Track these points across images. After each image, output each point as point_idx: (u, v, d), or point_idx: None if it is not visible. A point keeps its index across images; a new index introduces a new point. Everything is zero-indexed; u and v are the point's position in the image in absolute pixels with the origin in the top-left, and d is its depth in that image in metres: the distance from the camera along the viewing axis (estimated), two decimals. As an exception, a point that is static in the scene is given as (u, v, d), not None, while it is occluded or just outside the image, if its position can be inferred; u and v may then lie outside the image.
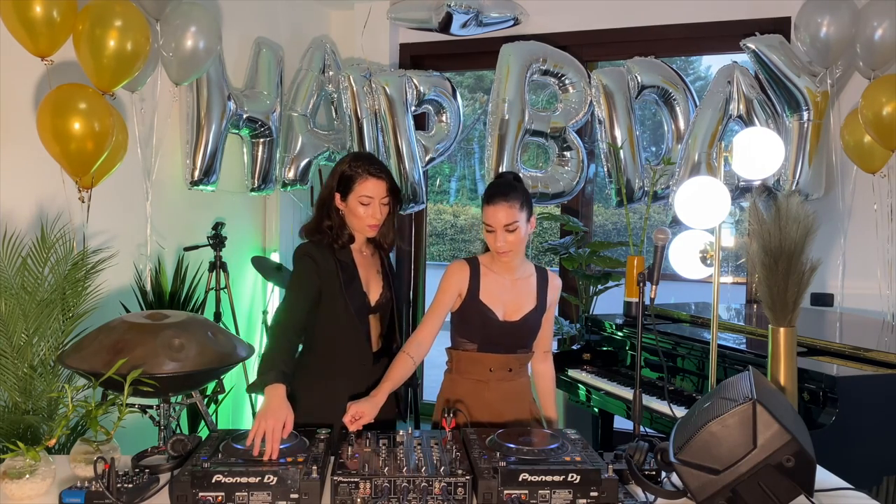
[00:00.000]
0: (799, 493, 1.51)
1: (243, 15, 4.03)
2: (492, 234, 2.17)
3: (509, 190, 2.18)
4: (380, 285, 2.28)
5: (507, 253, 2.17)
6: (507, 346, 2.26)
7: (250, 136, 3.98)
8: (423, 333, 2.21)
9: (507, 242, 2.14)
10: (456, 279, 2.24)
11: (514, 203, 2.14)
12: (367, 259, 2.29)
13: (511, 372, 2.26)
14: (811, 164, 3.64)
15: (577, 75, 4.01)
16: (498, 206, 2.14)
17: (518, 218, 2.14)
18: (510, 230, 2.13)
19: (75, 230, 2.98)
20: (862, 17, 3.43)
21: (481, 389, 2.24)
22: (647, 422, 2.88)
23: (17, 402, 2.57)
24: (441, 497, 1.56)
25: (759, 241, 2.09)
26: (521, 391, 2.31)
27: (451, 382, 2.30)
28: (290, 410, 1.86)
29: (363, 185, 2.16)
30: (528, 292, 2.27)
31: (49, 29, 2.69)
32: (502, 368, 2.25)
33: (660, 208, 4.31)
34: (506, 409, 2.26)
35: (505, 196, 2.15)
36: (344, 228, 2.22)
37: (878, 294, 3.64)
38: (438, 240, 11.11)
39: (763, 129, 2.42)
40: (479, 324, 2.23)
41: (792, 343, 2.09)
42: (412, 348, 2.16)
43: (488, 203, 2.16)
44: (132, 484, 1.62)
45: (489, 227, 2.16)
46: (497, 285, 2.24)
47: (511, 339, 2.26)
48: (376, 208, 2.17)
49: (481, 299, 2.22)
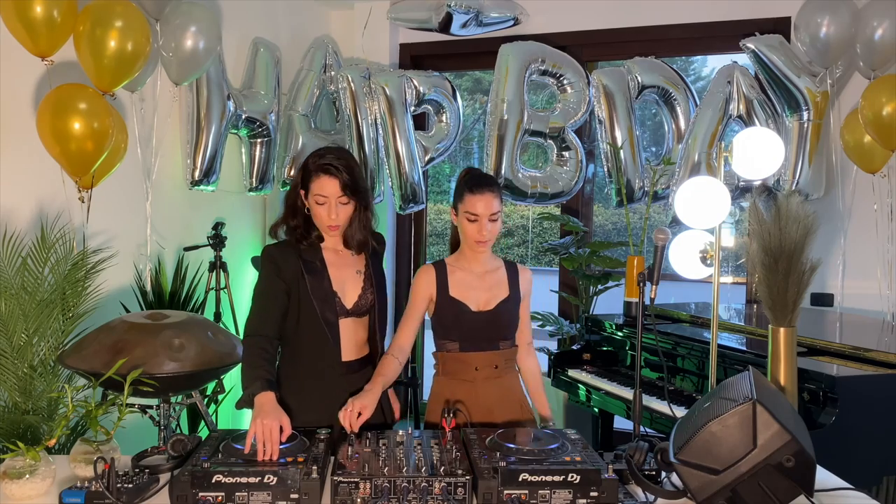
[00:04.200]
0: (799, 493, 1.51)
1: (243, 15, 4.04)
2: (474, 224, 2.19)
3: (492, 181, 2.25)
4: (359, 286, 2.16)
5: (485, 243, 2.21)
6: (488, 341, 2.26)
7: (248, 136, 3.99)
8: (402, 338, 2.24)
9: (489, 232, 2.19)
10: (423, 282, 2.27)
11: (497, 193, 2.21)
12: (345, 258, 2.17)
13: (497, 369, 2.26)
14: (811, 164, 3.64)
15: (575, 75, 4.01)
16: (484, 195, 2.18)
17: (499, 207, 2.20)
18: (493, 220, 2.19)
19: (75, 230, 2.98)
20: (862, 17, 3.43)
21: (470, 390, 2.25)
22: (647, 422, 2.88)
23: (17, 402, 2.57)
24: (441, 497, 1.56)
25: (759, 241, 2.09)
26: (510, 388, 2.30)
27: (440, 385, 2.31)
28: (283, 413, 1.83)
29: (316, 182, 2.04)
30: (499, 282, 2.29)
31: (49, 29, 2.69)
32: (488, 366, 2.25)
33: (660, 208, 4.31)
34: (497, 407, 2.26)
35: (490, 186, 2.20)
36: (310, 227, 2.12)
37: (878, 294, 3.64)
38: (438, 240, 11.10)
39: (763, 129, 2.42)
40: (454, 319, 2.25)
41: (792, 343, 2.09)
42: (395, 351, 2.19)
43: (473, 192, 2.18)
44: (132, 484, 1.62)
45: (472, 217, 2.19)
46: (466, 280, 2.27)
47: (489, 331, 2.26)
48: (332, 208, 2.04)
49: (452, 295, 2.25)
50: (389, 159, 4.06)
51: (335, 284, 2.13)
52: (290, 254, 2.11)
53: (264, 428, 1.74)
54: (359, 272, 2.18)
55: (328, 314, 2.10)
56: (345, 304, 2.13)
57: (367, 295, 2.17)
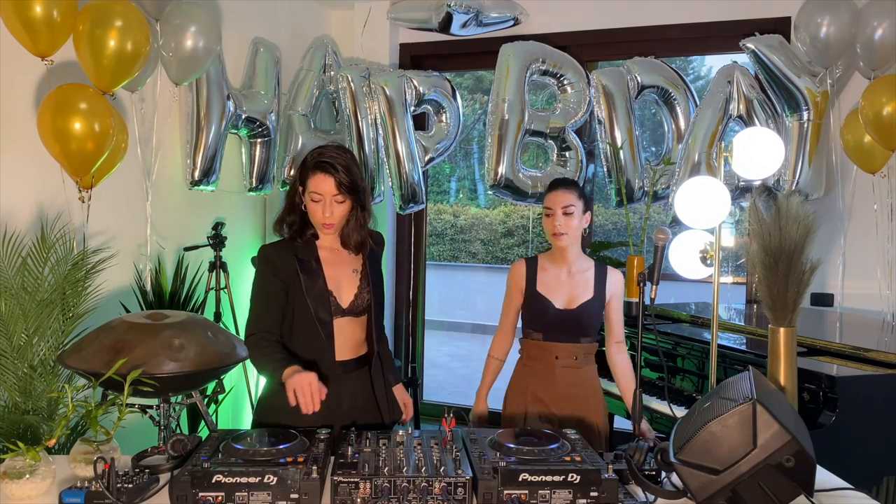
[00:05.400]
0: (799, 493, 1.51)
1: (243, 15, 4.04)
2: (550, 218, 2.44)
3: (570, 182, 2.52)
4: (355, 286, 2.15)
5: (562, 235, 2.41)
6: (570, 335, 2.45)
7: (248, 136, 3.99)
8: (499, 334, 2.61)
9: (563, 224, 2.41)
10: (514, 277, 2.54)
11: (572, 191, 2.45)
12: (342, 258, 2.16)
13: (577, 360, 2.45)
14: (811, 164, 3.64)
15: (575, 76, 4.01)
16: (559, 191, 2.45)
17: (575, 203, 2.42)
18: (567, 213, 2.41)
19: (75, 230, 2.98)
20: (862, 17, 3.43)
21: (549, 375, 2.45)
22: (648, 422, 2.87)
23: (17, 402, 2.57)
24: (441, 497, 1.56)
25: (759, 241, 2.09)
26: (586, 378, 2.48)
27: (523, 368, 2.53)
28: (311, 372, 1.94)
29: (312, 180, 2.04)
30: (585, 283, 2.47)
31: (49, 29, 2.69)
32: (568, 356, 2.45)
33: (660, 208, 4.31)
34: (573, 394, 2.44)
35: (565, 185, 2.48)
36: (306, 224, 2.12)
37: (878, 294, 3.64)
38: (438, 240, 11.11)
39: (763, 129, 2.42)
40: (538, 313, 2.47)
41: (792, 343, 2.09)
42: (494, 350, 2.61)
43: (550, 190, 2.47)
44: (132, 484, 1.62)
45: (549, 211, 2.45)
46: (554, 278, 2.48)
47: (571, 327, 2.45)
48: (327, 206, 2.04)
49: (539, 290, 2.47)
50: (389, 159, 4.06)
51: (330, 283, 2.12)
52: (286, 253, 2.12)
53: (301, 381, 1.88)
54: (355, 271, 2.17)
55: (322, 313, 2.10)
56: (340, 303, 2.13)
57: (363, 294, 2.16)
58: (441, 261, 11.03)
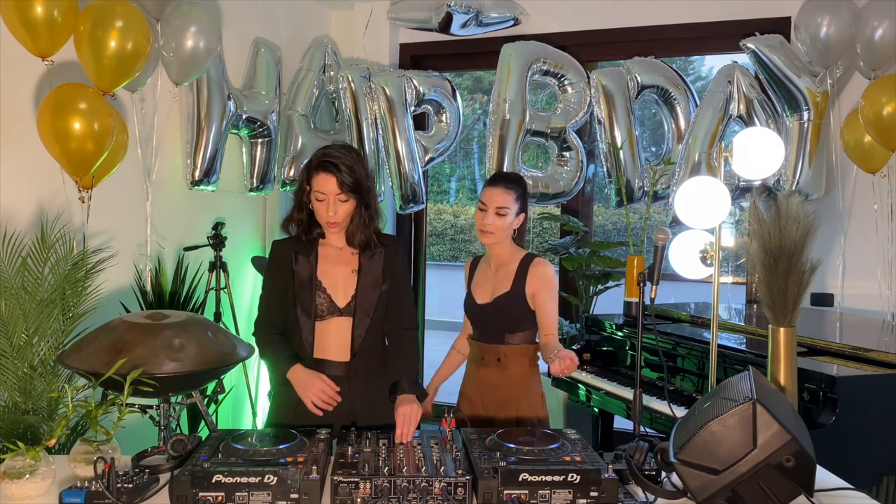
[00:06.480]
0: (799, 493, 1.51)
1: (243, 15, 4.04)
2: (482, 213, 2.36)
3: (511, 180, 2.41)
4: (353, 286, 2.15)
5: (488, 234, 2.34)
6: (491, 332, 2.38)
7: (249, 136, 3.98)
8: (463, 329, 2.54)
9: (492, 224, 2.33)
10: (466, 274, 2.54)
11: (511, 191, 2.35)
12: (344, 257, 2.17)
13: (500, 361, 2.36)
14: (811, 164, 3.64)
15: (576, 76, 4.01)
16: (497, 188, 2.35)
17: (510, 205, 2.33)
18: (500, 214, 2.33)
19: (75, 230, 2.98)
20: (862, 17, 3.43)
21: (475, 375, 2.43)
22: (647, 422, 2.88)
23: (17, 402, 2.57)
24: (441, 497, 1.56)
25: (759, 241, 2.09)
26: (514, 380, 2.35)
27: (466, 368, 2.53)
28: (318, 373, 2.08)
29: (316, 179, 2.07)
30: (506, 278, 2.39)
31: (50, 29, 2.69)
32: (491, 356, 2.38)
33: (660, 208, 4.31)
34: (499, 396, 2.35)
35: (506, 182, 2.38)
36: (313, 222, 2.15)
37: (878, 294, 3.64)
38: (438, 240, 11.11)
39: (763, 129, 2.42)
40: (468, 309, 2.46)
41: (792, 343, 2.09)
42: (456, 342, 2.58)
43: (488, 185, 2.38)
44: (132, 484, 1.62)
45: (482, 206, 2.36)
46: (484, 274, 2.45)
47: (487, 323, 2.39)
48: (331, 205, 2.06)
49: (471, 287, 2.47)
50: (389, 159, 4.06)
51: (327, 282, 2.14)
52: (288, 249, 2.17)
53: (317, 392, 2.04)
54: (354, 271, 2.17)
55: (310, 310, 2.13)
56: (336, 302, 2.14)
57: (362, 294, 2.15)
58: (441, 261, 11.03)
